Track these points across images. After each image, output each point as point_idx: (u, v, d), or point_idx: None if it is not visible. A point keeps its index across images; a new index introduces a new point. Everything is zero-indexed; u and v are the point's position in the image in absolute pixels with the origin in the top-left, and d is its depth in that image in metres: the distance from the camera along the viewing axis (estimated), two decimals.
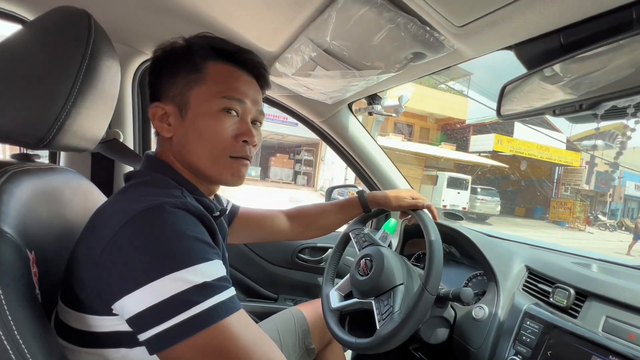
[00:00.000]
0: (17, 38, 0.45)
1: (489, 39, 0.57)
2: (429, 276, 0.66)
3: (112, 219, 0.41)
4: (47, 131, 0.45)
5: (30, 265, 0.41)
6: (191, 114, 0.51)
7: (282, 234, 0.88)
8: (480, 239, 0.92)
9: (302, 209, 0.91)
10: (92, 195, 0.65)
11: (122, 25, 0.84)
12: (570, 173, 16.44)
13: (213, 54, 0.53)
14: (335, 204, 0.89)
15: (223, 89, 0.52)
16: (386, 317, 0.69)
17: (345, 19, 0.58)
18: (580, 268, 0.75)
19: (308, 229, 0.90)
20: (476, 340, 0.74)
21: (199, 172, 0.54)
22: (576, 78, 0.53)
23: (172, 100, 0.52)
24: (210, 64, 0.52)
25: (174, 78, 0.52)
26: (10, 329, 0.34)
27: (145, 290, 0.36)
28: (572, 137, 16.23)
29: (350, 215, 0.89)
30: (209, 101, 0.51)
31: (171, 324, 0.36)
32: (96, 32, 0.48)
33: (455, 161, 13.79)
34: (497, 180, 15.37)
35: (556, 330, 0.63)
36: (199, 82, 0.51)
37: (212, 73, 0.52)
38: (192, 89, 0.51)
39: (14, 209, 0.40)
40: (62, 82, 0.45)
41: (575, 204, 15.09)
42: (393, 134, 13.18)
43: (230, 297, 0.40)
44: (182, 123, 0.52)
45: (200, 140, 0.51)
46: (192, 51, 0.52)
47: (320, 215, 0.89)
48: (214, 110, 0.51)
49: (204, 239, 0.42)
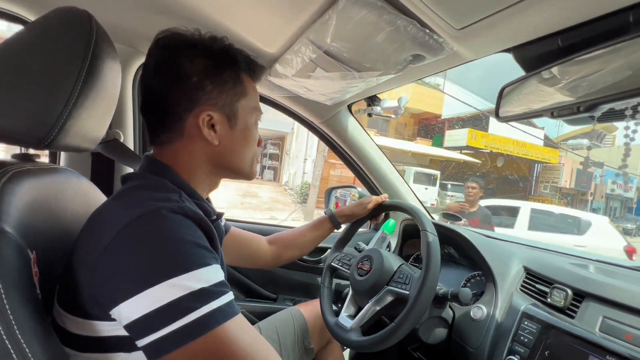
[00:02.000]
0: (19, 38, 0.45)
1: (488, 41, 0.58)
2: (420, 294, 0.66)
3: (108, 225, 0.40)
4: (49, 131, 0.45)
5: (31, 265, 0.41)
6: (241, 124, 0.56)
7: (263, 259, 0.91)
8: (479, 240, 0.92)
9: (280, 234, 0.96)
10: (93, 196, 0.65)
11: (123, 26, 0.84)
12: (548, 170, 15.81)
13: (246, 67, 0.57)
14: (308, 226, 0.97)
15: (256, 103, 0.59)
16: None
17: (346, 21, 0.58)
18: (577, 269, 0.75)
19: (287, 249, 0.94)
20: (474, 341, 0.74)
21: (237, 171, 0.59)
22: (574, 80, 0.54)
23: (222, 109, 0.53)
24: (245, 78, 0.57)
25: (223, 86, 0.53)
26: (11, 328, 0.34)
27: (143, 297, 0.36)
28: (559, 137, 15.93)
29: (323, 231, 0.96)
30: (251, 114, 0.58)
31: (169, 331, 0.36)
32: (97, 32, 0.49)
33: (429, 157, 13.24)
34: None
35: (554, 331, 0.63)
36: (243, 94, 0.55)
37: (248, 87, 0.57)
38: (239, 101, 0.55)
39: (15, 209, 0.40)
40: (63, 82, 0.45)
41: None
42: (366, 129, 12.77)
43: (228, 302, 0.40)
44: (231, 132, 0.55)
45: (246, 147, 0.58)
46: (238, 62, 0.55)
47: (295, 237, 0.95)
48: (254, 122, 0.59)
49: (202, 244, 0.42)
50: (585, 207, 17.28)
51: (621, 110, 0.51)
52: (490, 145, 13.09)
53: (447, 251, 1.06)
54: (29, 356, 0.35)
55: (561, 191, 16.23)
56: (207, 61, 0.51)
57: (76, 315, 0.42)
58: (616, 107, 0.50)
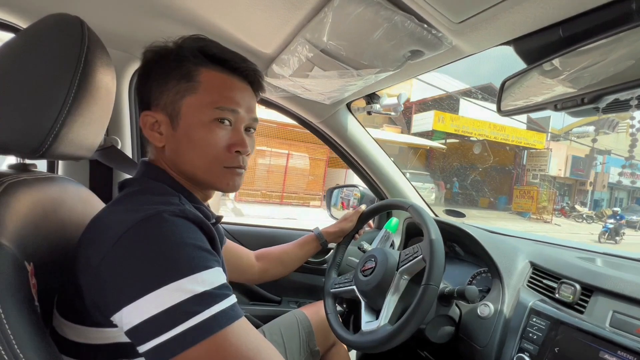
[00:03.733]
0: (10, 46, 0.44)
1: (488, 34, 0.57)
2: (432, 244, 0.66)
3: (109, 230, 0.40)
4: (43, 140, 0.44)
5: (29, 277, 0.40)
6: (183, 124, 0.50)
7: (250, 275, 0.89)
8: (483, 236, 0.91)
9: (265, 250, 0.94)
10: (91, 204, 0.64)
11: (117, 31, 0.83)
12: (534, 157, 14.21)
13: (206, 60, 0.51)
14: (295, 244, 0.95)
15: (216, 99, 0.50)
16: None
17: (342, 19, 0.57)
18: (585, 263, 0.74)
19: (272, 266, 0.92)
20: (482, 339, 0.73)
21: (194, 179, 0.53)
22: (576, 71, 0.53)
23: (164, 109, 0.50)
24: (202, 72, 0.50)
25: (164, 85, 0.50)
26: (9, 342, 0.33)
27: (145, 301, 0.36)
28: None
29: (308, 250, 0.95)
30: (201, 112, 0.49)
31: (171, 335, 0.35)
32: (89, 38, 0.48)
33: (397, 144, 11.87)
34: (463, 169, 13.44)
35: (563, 327, 0.62)
36: (190, 91, 0.49)
37: (204, 81, 0.50)
38: (184, 98, 0.50)
39: (10, 221, 0.39)
40: (56, 90, 0.44)
41: (539, 192, 13.21)
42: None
43: (230, 305, 0.40)
44: (174, 133, 0.50)
45: (193, 150, 0.50)
46: (183, 57, 0.50)
47: (282, 254, 0.93)
48: (207, 121, 0.50)
49: (204, 247, 0.42)
50: (585, 197, 16.22)
51: (626, 100, 0.50)
52: (461, 129, 11.53)
53: (451, 248, 1.04)
54: None
55: (556, 181, 15.05)
56: (154, 63, 0.51)
57: (76, 323, 0.42)
58: (621, 98, 0.49)
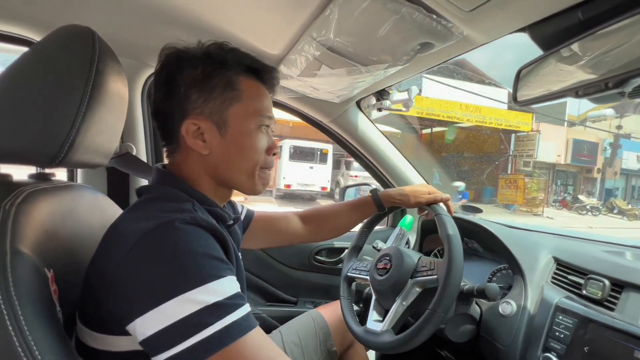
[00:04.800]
0: (24, 60, 0.46)
1: (501, 21, 0.54)
2: (450, 270, 0.63)
3: (122, 240, 0.41)
4: (59, 149, 0.45)
5: (50, 283, 0.41)
6: (232, 131, 0.52)
7: (297, 237, 0.87)
8: (502, 231, 0.88)
9: (316, 210, 0.91)
10: (109, 210, 0.65)
11: (127, 39, 0.85)
12: (521, 142, 12.38)
13: (245, 69, 0.53)
14: (348, 204, 0.88)
15: (259, 108, 0.54)
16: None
17: (348, 14, 0.56)
18: (613, 257, 0.71)
19: (322, 230, 0.89)
20: (505, 338, 0.71)
21: (232, 183, 0.55)
22: (597, 56, 0.50)
23: (210, 117, 0.51)
24: (242, 81, 0.52)
25: (209, 94, 0.51)
26: (31, 349, 0.34)
27: (157, 313, 0.36)
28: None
29: (364, 214, 0.88)
30: (248, 120, 0.53)
31: (184, 347, 0.35)
32: (101, 48, 0.49)
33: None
34: (444, 159, 11.71)
35: (592, 325, 0.59)
36: (236, 99, 0.52)
37: (245, 90, 0.52)
38: (230, 107, 0.51)
39: (30, 229, 0.40)
40: (70, 99, 0.45)
41: (525, 181, 11.36)
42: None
43: (244, 316, 0.39)
44: (222, 140, 0.52)
45: (242, 156, 0.53)
46: (225, 66, 0.51)
47: (333, 216, 0.88)
48: (254, 128, 0.53)
49: (216, 255, 0.42)
50: (593, 186, 14.04)
51: None
52: (426, 112, 9.97)
53: (469, 245, 1.02)
54: None
55: (556, 168, 13.33)
56: (194, 70, 0.51)
57: (94, 330, 0.42)
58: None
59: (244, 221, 0.80)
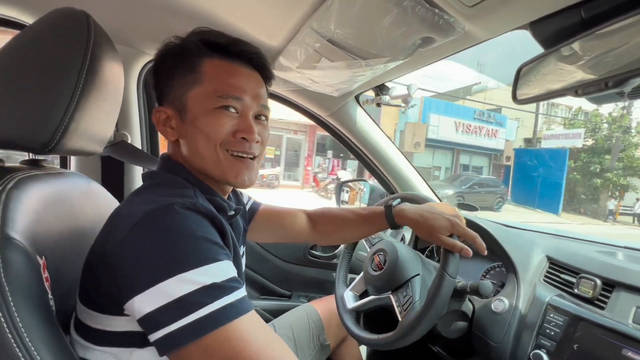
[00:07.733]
0: (17, 42, 0.44)
1: (503, 18, 0.54)
2: (447, 259, 0.64)
3: (123, 221, 0.41)
4: (52, 135, 0.44)
5: (41, 271, 0.40)
6: (190, 116, 0.50)
7: (302, 235, 0.84)
8: (497, 230, 0.89)
9: (324, 213, 0.84)
10: (102, 199, 0.64)
11: (123, 27, 0.83)
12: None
13: (207, 49, 0.50)
14: (360, 215, 0.79)
15: (219, 87, 0.49)
16: (407, 307, 0.67)
17: (349, 6, 0.55)
18: (605, 257, 0.71)
19: (328, 238, 0.85)
20: (497, 335, 0.71)
21: (205, 173, 0.53)
22: (597, 56, 0.50)
23: (172, 104, 0.51)
24: (205, 62, 0.50)
25: (171, 81, 0.51)
26: (21, 336, 0.34)
27: (154, 291, 0.36)
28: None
29: (375, 228, 0.78)
30: (205, 101, 0.49)
31: (180, 325, 0.36)
32: (96, 32, 0.47)
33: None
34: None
35: (583, 323, 0.60)
36: (196, 82, 0.50)
37: (207, 71, 0.50)
38: (189, 91, 0.50)
39: (21, 215, 0.39)
40: (63, 85, 0.44)
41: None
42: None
43: (240, 299, 0.40)
44: (183, 126, 0.51)
45: (199, 139, 0.50)
46: (186, 50, 0.51)
47: (342, 225, 0.81)
48: (211, 109, 0.49)
49: (214, 240, 0.42)
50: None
51: None
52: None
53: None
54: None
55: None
56: (162, 60, 0.52)
57: (94, 310, 0.43)
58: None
59: (248, 213, 0.78)
